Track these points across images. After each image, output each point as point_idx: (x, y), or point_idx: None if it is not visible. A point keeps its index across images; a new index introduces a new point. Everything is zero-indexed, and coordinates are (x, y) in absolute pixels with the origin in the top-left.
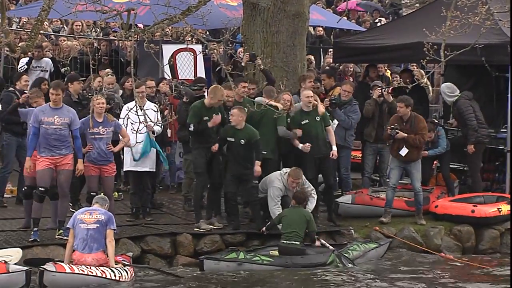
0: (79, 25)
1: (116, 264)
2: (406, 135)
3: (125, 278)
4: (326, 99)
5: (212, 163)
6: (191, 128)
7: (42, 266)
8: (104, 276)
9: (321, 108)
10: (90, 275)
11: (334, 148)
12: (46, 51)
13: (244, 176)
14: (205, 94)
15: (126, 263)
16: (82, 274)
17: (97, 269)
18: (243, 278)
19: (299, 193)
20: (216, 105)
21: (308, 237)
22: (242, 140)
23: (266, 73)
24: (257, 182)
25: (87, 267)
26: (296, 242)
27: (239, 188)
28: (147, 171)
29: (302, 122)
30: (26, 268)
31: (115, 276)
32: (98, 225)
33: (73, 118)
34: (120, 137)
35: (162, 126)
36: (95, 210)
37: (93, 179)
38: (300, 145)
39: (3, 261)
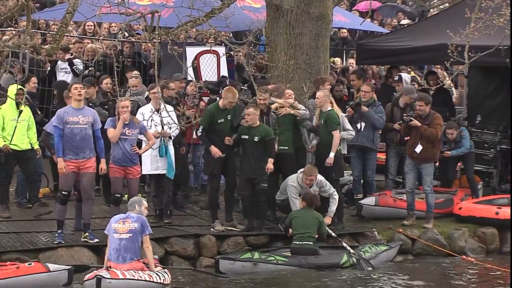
0: (91, 25)
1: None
2: (419, 124)
3: (167, 281)
4: (350, 103)
5: (227, 164)
6: (199, 131)
7: (99, 274)
8: (151, 280)
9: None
10: (140, 280)
11: (331, 155)
12: (71, 53)
13: (255, 178)
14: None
15: (158, 265)
16: (133, 279)
17: (144, 273)
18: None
19: (308, 195)
20: (229, 106)
21: (320, 238)
22: (256, 137)
23: None
24: (266, 185)
25: (136, 272)
26: (309, 243)
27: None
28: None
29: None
30: (68, 267)
31: (159, 279)
32: (131, 234)
33: (95, 118)
34: (144, 139)
35: (179, 129)
36: (128, 218)
37: (117, 181)
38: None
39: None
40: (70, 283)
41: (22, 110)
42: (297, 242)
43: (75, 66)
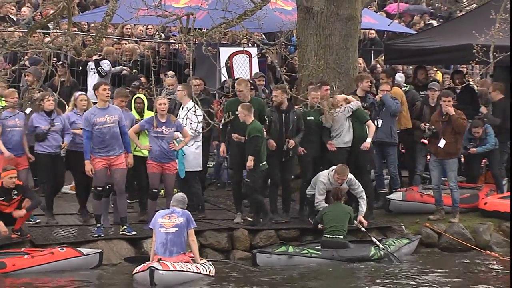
0: (129, 27)
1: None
2: (453, 111)
3: (212, 273)
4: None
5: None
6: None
7: (152, 266)
8: (199, 271)
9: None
10: (189, 271)
11: (368, 140)
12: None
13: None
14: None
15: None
16: (182, 271)
17: (191, 265)
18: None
19: (335, 189)
20: (243, 99)
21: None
22: (246, 136)
23: None
24: (248, 180)
25: (184, 264)
26: (340, 236)
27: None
28: (190, 171)
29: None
30: (99, 250)
31: (206, 271)
32: (177, 229)
33: (120, 115)
34: (180, 136)
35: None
36: (173, 213)
37: (155, 176)
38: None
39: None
40: (100, 265)
41: None
42: (328, 236)
43: (100, 67)
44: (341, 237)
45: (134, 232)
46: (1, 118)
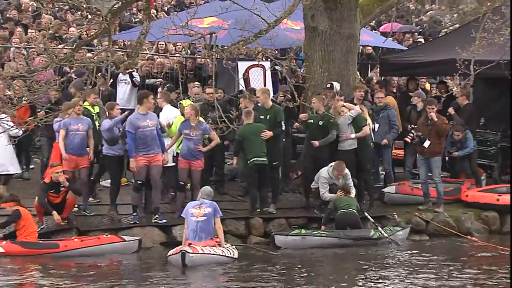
0: (163, 44)
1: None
2: (436, 118)
3: (236, 255)
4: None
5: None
6: None
7: (183, 249)
8: (224, 254)
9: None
10: (215, 254)
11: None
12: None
13: None
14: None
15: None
16: (210, 254)
17: (218, 249)
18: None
19: (345, 186)
20: (262, 104)
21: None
22: None
23: None
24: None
25: (212, 248)
26: (353, 210)
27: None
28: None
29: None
30: (138, 237)
31: (230, 253)
32: (205, 217)
33: (157, 120)
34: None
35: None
36: (202, 205)
37: (183, 171)
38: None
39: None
40: (139, 251)
41: None
42: (343, 210)
43: (134, 78)
44: (354, 211)
45: (164, 220)
46: (66, 124)
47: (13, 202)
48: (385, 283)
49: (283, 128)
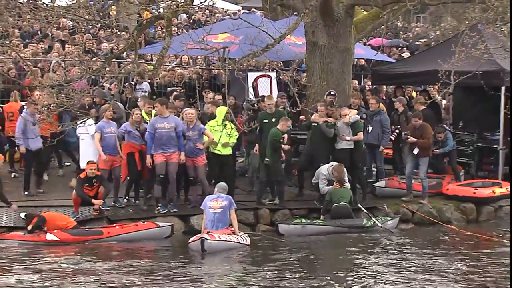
0: (186, 58)
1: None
2: (415, 140)
3: (248, 242)
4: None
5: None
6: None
7: (202, 236)
8: (238, 241)
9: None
10: (230, 241)
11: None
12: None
13: None
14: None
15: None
16: (225, 241)
17: (232, 236)
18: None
19: (340, 178)
20: (269, 110)
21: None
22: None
23: None
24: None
25: (227, 235)
26: (345, 203)
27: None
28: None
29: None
30: (170, 223)
31: (243, 240)
32: (222, 209)
33: (177, 123)
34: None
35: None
36: (219, 198)
37: (189, 168)
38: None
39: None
40: (171, 235)
41: None
42: (337, 204)
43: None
44: (346, 203)
45: (175, 210)
46: (100, 127)
47: (35, 217)
48: (377, 263)
49: None
